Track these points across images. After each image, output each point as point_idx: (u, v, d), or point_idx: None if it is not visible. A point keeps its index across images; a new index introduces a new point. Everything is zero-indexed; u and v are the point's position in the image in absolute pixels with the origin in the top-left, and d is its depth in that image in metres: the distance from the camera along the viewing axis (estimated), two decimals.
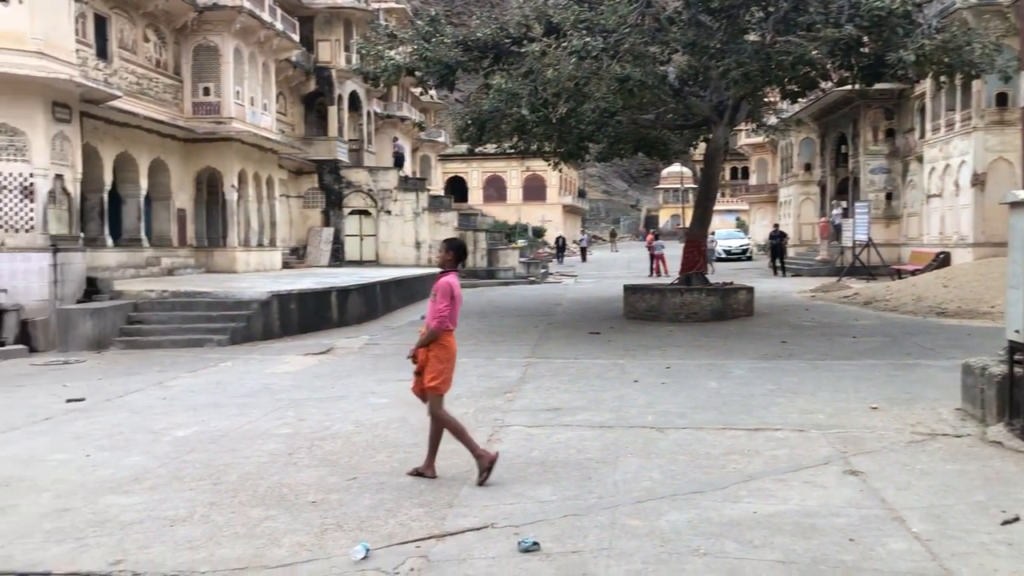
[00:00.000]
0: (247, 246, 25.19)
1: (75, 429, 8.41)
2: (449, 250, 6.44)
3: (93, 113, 18.29)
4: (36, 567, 4.70)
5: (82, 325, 15.27)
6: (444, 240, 6.63)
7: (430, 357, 6.21)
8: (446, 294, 6.17)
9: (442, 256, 6.45)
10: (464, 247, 6.64)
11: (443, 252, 6.46)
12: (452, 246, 6.48)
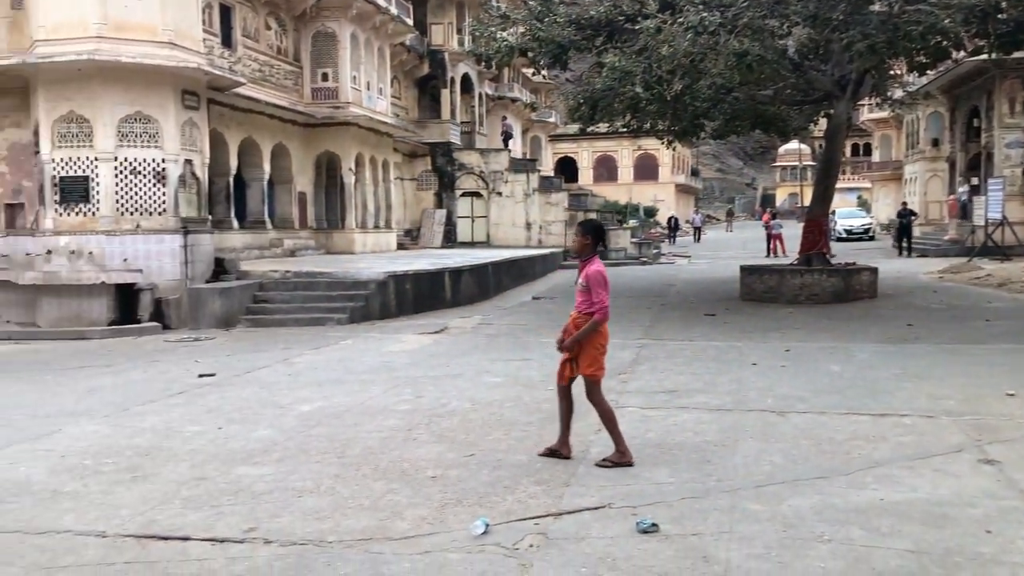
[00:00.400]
0: (364, 228, 25.83)
1: (207, 403, 8.82)
2: (586, 234, 6.01)
3: (219, 100, 19.04)
4: (176, 532, 4.97)
5: (211, 304, 15.99)
6: (579, 224, 6.19)
7: (585, 345, 6.02)
8: (602, 283, 5.86)
9: (579, 242, 6.01)
10: (602, 228, 6.25)
11: (580, 238, 6.01)
12: (588, 229, 6.05)
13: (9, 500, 5.63)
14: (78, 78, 15.79)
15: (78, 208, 16.09)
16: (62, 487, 5.90)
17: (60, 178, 16.06)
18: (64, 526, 5.11)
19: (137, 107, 16.16)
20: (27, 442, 7.24)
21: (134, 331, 15.36)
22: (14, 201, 17.40)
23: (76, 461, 6.59)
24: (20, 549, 4.74)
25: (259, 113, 21.33)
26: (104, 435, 7.45)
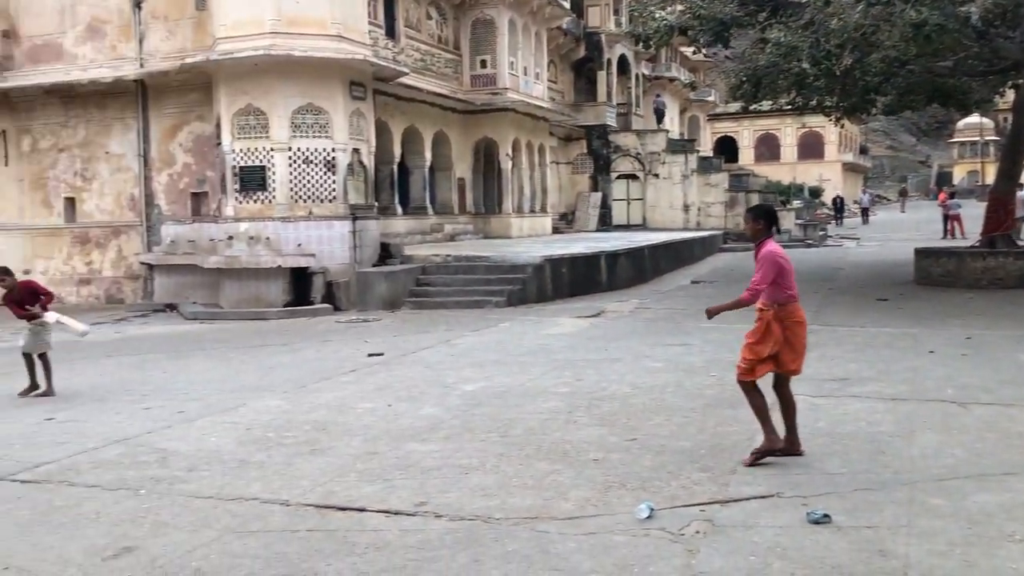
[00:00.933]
0: (520, 212, 26.13)
1: (377, 381, 9.21)
2: (758, 219, 5.79)
3: (383, 90, 19.69)
4: (353, 503, 5.23)
5: (378, 287, 16.64)
6: (749, 209, 6.00)
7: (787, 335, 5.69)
8: (769, 264, 5.57)
9: (751, 227, 5.81)
10: (773, 211, 5.99)
11: (751, 223, 5.81)
12: (759, 214, 5.84)
13: (203, 468, 6.09)
14: (255, 73, 16.73)
15: (256, 196, 17.08)
16: (249, 457, 6.32)
17: (240, 168, 17.09)
18: (252, 494, 5.48)
19: (308, 99, 16.95)
20: (217, 415, 7.79)
21: (307, 312, 16.18)
22: (199, 190, 18.68)
23: (260, 433, 7.03)
24: (215, 513, 5.12)
25: (421, 102, 21.92)
26: (284, 410, 7.92)
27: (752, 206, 6.05)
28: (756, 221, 5.80)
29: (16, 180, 20.01)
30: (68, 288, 19.56)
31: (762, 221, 5.79)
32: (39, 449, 6.74)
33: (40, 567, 4.40)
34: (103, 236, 19.32)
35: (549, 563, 4.23)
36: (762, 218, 5.80)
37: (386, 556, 4.39)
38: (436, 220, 23.26)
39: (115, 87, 18.64)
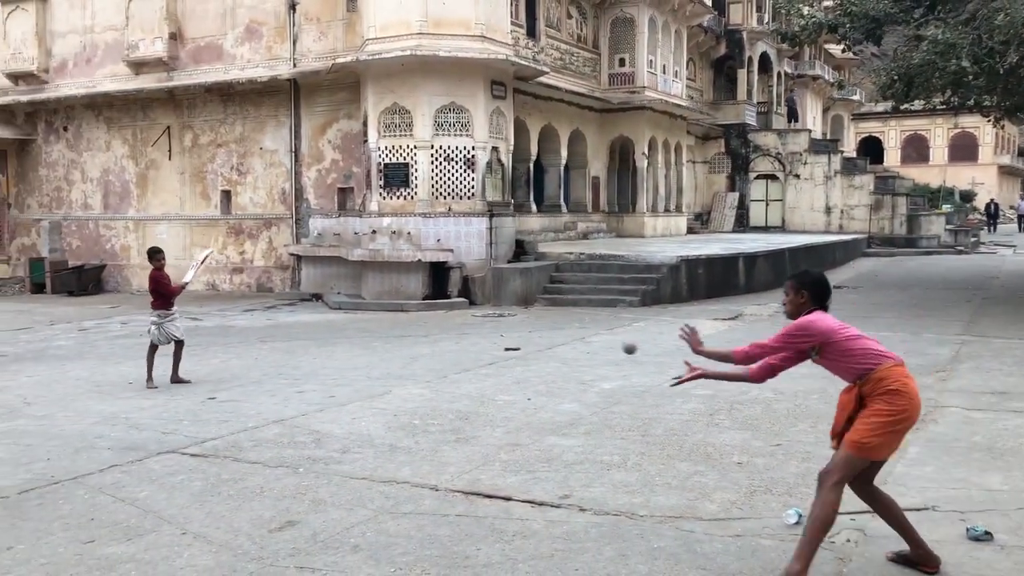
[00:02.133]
0: (655, 211, 25.92)
1: (515, 375, 9.38)
2: (800, 291, 4.22)
3: (523, 89, 19.92)
4: (499, 492, 5.38)
5: (512, 282, 16.87)
6: (790, 277, 4.32)
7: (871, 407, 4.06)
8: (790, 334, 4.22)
9: (791, 300, 4.27)
10: (824, 282, 4.28)
11: (791, 295, 4.25)
12: (804, 283, 4.24)
13: (355, 450, 6.38)
14: (401, 72, 17.25)
15: (399, 192, 17.62)
16: (397, 443, 6.58)
17: (384, 164, 17.67)
18: (402, 477, 5.71)
19: (451, 98, 17.36)
20: (365, 400, 8.14)
21: (444, 305, 16.59)
22: (345, 185, 19.41)
23: (407, 420, 7.30)
24: (369, 494, 5.37)
25: (558, 100, 22.05)
26: (428, 398, 8.19)
27: (796, 274, 4.32)
28: (798, 293, 4.22)
29: (178, 173, 21.32)
30: (222, 276, 20.72)
31: (805, 294, 4.22)
32: (204, 426, 7.22)
33: (214, 534, 4.74)
34: (255, 228, 20.35)
35: (695, 562, 4.24)
36: (806, 289, 4.22)
37: (533, 545, 4.51)
38: (570, 218, 23.37)
39: (270, 86, 19.59)
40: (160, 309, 9.37)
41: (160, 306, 9.38)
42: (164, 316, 9.36)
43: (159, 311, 9.37)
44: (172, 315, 9.44)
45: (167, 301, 9.39)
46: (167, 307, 9.40)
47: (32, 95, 22.77)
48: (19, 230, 23.99)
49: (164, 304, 9.38)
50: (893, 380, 4.03)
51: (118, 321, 15.61)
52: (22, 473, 5.95)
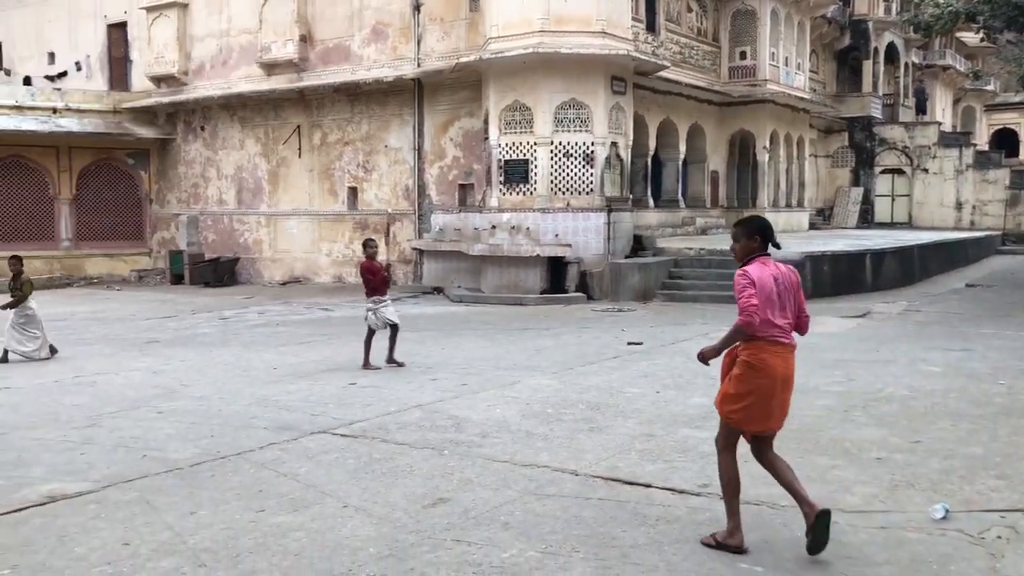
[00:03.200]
0: (775, 207, 25.45)
1: (640, 368, 9.49)
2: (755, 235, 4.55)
3: (642, 84, 19.91)
4: (638, 479, 5.53)
5: (631, 278, 16.93)
6: (741, 224, 4.66)
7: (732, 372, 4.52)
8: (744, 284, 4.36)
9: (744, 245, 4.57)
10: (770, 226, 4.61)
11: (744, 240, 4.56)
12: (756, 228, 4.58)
13: (494, 435, 6.64)
14: (522, 70, 17.53)
15: (518, 188, 17.92)
16: (533, 430, 6.81)
17: (504, 161, 18.00)
18: (542, 462, 5.93)
19: (572, 94, 17.55)
20: (496, 389, 8.41)
21: (562, 300, 16.79)
22: (465, 182, 19.85)
23: (539, 409, 7.53)
24: (512, 476, 5.61)
25: (677, 95, 21.93)
26: (556, 389, 8.40)
27: (745, 220, 4.71)
28: (751, 239, 4.54)
29: (307, 170, 22.23)
30: (348, 269, 21.49)
31: (758, 239, 4.55)
32: (350, 409, 7.63)
33: (373, 508, 5.06)
34: (380, 223, 21.00)
35: (841, 552, 4.30)
36: (758, 234, 4.55)
37: (677, 529, 4.65)
38: (688, 213, 23.20)
39: (395, 85, 20.21)
40: (374, 296, 9.86)
41: (372, 293, 9.87)
42: (378, 303, 9.86)
43: (373, 298, 9.87)
44: (385, 301, 9.91)
45: (379, 289, 9.86)
46: (380, 294, 9.87)
47: (172, 96, 24.13)
48: (160, 224, 25.47)
49: (376, 292, 9.85)
50: (754, 354, 4.38)
51: (255, 311, 16.44)
52: (191, 448, 6.45)
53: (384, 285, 10.00)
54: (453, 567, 4.19)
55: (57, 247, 24.10)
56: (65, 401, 8.24)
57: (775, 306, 4.42)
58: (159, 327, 14.27)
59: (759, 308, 4.29)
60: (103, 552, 4.46)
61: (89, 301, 19.19)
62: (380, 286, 9.93)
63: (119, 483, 5.61)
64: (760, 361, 4.37)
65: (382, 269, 10.07)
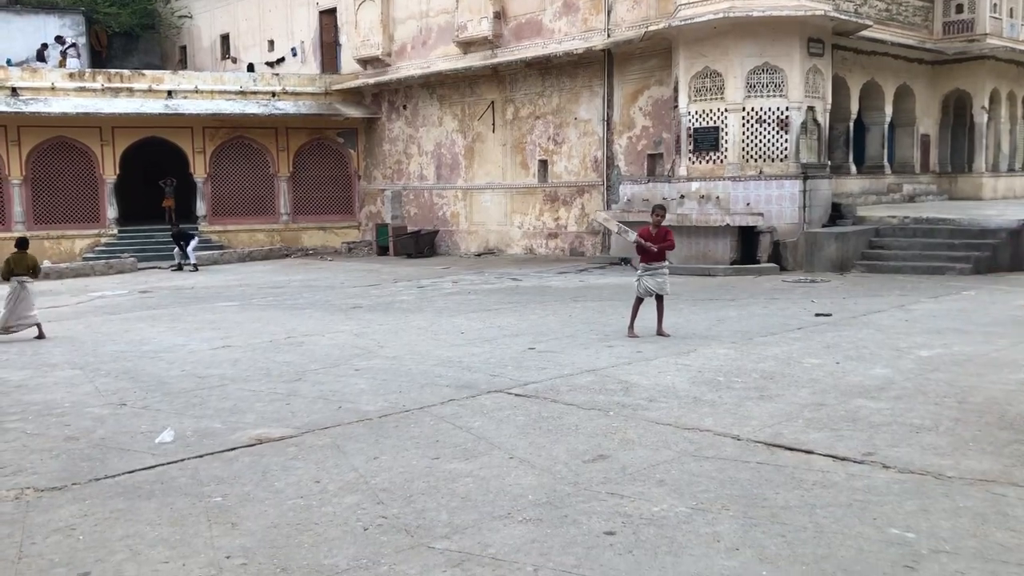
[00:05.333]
0: (995, 171, 23.54)
1: (824, 340, 9.27)
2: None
3: (842, 44, 18.97)
4: (800, 445, 5.52)
5: (827, 248, 16.31)
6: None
7: None
8: None
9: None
10: None
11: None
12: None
13: (660, 400, 6.79)
14: (712, 36, 17.20)
15: (708, 156, 17.67)
16: (701, 396, 6.90)
17: (694, 129, 17.78)
18: (704, 426, 6.03)
19: (765, 58, 17.04)
20: (670, 356, 8.52)
21: (753, 271, 16.45)
22: (654, 151, 19.77)
23: (711, 376, 7.59)
24: (672, 438, 5.77)
25: (883, 54, 20.69)
26: (732, 358, 8.39)
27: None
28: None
29: (500, 144, 22.91)
30: (538, 240, 22.04)
31: None
32: (526, 371, 8.01)
33: (536, 460, 5.39)
34: (569, 195, 21.38)
35: (1004, 523, 4.17)
36: None
37: (832, 494, 4.65)
38: (894, 179, 21.91)
39: (584, 57, 20.39)
40: (644, 263, 9.92)
41: (645, 260, 9.90)
42: (646, 270, 9.87)
43: (642, 264, 9.94)
44: (653, 269, 9.83)
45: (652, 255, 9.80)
46: (649, 261, 9.84)
47: (377, 77, 25.52)
48: (366, 199, 27.11)
49: (649, 258, 9.85)
50: None
51: (449, 280, 17.28)
52: (380, 402, 7.05)
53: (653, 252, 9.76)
54: (604, 516, 4.43)
55: (277, 221, 26.25)
56: (277, 359, 9.15)
57: None
58: (363, 294, 15.34)
59: None
60: (297, 487, 5.05)
61: (303, 270, 20.83)
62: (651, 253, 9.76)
63: (316, 430, 6.25)
64: None
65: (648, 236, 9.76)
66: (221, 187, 25.61)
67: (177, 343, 10.38)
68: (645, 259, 9.89)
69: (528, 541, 4.16)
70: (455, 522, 4.44)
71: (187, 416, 6.76)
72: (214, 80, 25.82)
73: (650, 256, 9.82)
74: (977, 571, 3.69)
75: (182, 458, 5.66)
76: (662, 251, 9.84)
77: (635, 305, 9.98)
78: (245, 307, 14.02)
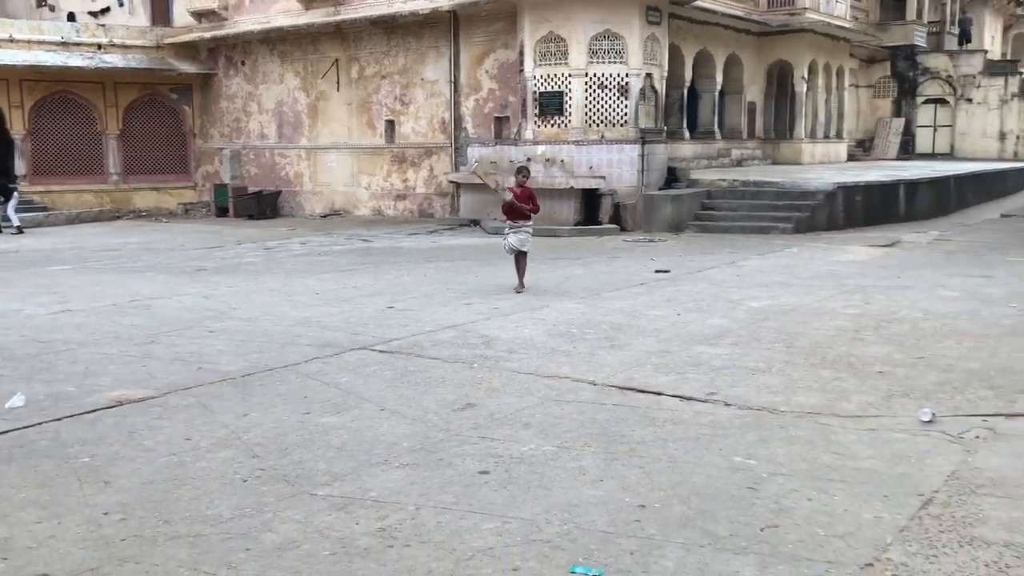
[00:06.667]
0: (813, 138, 25.34)
1: (665, 293, 9.88)
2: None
3: (678, 14, 19.82)
4: (650, 388, 5.98)
5: (663, 209, 17.18)
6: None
7: None
8: None
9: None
10: None
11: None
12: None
13: (520, 352, 7.12)
14: (557, 1, 17.60)
15: (553, 120, 18.14)
16: (557, 347, 7.28)
17: (539, 93, 18.19)
18: (563, 374, 6.40)
19: (606, 25, 17.61)
20: (526, 312, 8.87)
21: (595, 231, 17.13)
22: (501, 114, 20.07)
23: (564, 329, 7.98)
24: (535, 386, 6.10)
25: (715, 24, 21.78)
26: (582, 312, 8.83)
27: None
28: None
29: (345, 104, 22.58)
30: (387, 202, 21.98)
31: None
32: (388, 329, 8.15)
33: (407, 411, 5.58)
34: (417, 156, 21.40)
35: (830, 448, 4.73)
36: None
37: (682, 429, 5.10)
38: (723, 145, 23.21)
39: (431, 18, 20.35)
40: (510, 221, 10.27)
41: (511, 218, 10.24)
42: (512, 227, 10.23)
43: (508, 223, 10.29)
44: (517, 227, 10.18)
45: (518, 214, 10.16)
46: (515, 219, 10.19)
47: (213, 31, 24.46)
48: (203, 158, 26.08)
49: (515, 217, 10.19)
50: None
51: (297, 242, 17.03)
52: (240, 362, 7.02)
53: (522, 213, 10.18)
54: (477, 458, 4.70)
55: (106, 181, 24.84)
56: (124, 322, 8.86)
57: None
58: (207, 256, 14.91)
59: None
60: (168, 445, 5.03)
61: (139, 233, 19.93)
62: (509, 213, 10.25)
63: (178, 391, 6.18)
64: None
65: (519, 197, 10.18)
66: (43, 145, 23.93)
67: (11, 308, 9.83)
68: (511, 217, 10.27)
69: (407, 483, 4.37)
70: (334, 470, 4.58)
71: (36, 381, 6.51)
72: (31, 29, 23.98)
73: (516, 215, 10.18)
74: (808, 488, 4.20)
75: (39, 422, 5.49)
76: (526, 212, 10.23)
77: (515, 263, 10.39)
78: (80, 270, 13.36)
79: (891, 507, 3.96)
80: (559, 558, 3.53)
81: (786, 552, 3.54)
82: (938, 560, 3.45)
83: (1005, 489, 4.14)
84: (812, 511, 3.93)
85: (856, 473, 4.37)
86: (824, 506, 3.98)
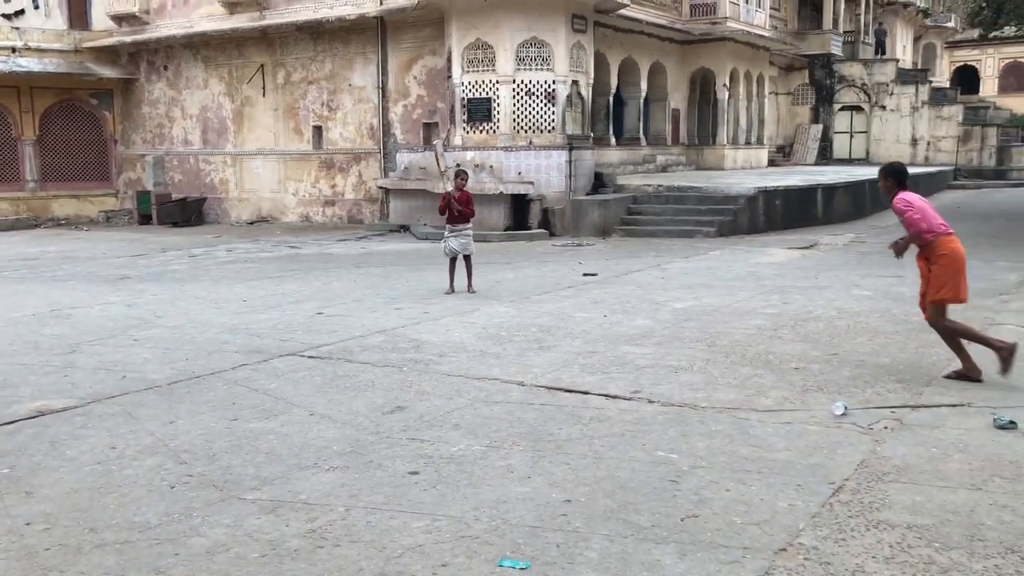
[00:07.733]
0: (735, 144, 25.99)
1: (592, 296, 10.07)
2: (887, 177, 6.39)
3: (603, 22, 20.17)
4: (577, 387, 6.12)
5: (591, 214, 17.44)
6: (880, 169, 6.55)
7: (932, 269, 6.13)
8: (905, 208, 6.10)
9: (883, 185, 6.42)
10: (902, 170, 6.40)
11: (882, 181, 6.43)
12: (889, 172, 6.40)
13: (450, 355, 7.19)
14: (483, 8, 17.74)
15: (481, 126, 18.27)
16: (487, 349, 7.37)
17: (468, 99, 18.30)
18: (492, 375, 6.50)
19: (533, 32, 17.83)
20: (456, 316, 8.95)
21: (525, 236, 17.28)
22: (430, 120, 20.13)
23: (494, 332, 8.09)
24: (464, 388, 6.18)
25: (639, 33, 22.20)
26: (511, 315, 8.95)
27: (882, 166, 6.59)
28: (886, 179, 6.43)
29: (272, 109, 22.35)
30: (315, 208, 21.81)
31: (891, 179, 6.36)
32: (317, 335, 8.14)
33: (337, 415, 5.61)
34: (345, 162, 21.30)
35: (747, 441, 4.92)
36: (891, 176, 6.36)
37: (607, 426, 5.25)
38: (649, 151, 23.67)
39: (358, 24, 20.30)
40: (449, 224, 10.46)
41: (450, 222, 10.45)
42: (451, 231, 10.44)
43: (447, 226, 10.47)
44: (457, 230, 10.45)
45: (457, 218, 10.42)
46: (454, 223, 10.43)
47: (134, 35, 23.98)
48: (125, 165, 25.50)
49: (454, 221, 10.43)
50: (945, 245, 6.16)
51: (223, 249, 16.79)
52: (167, 369, 6.94)
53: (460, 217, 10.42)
54: (407, 459, 4.76)
55: (23, 188, 24.10)
56: (44, 332, 8.66)
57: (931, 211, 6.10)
58: (130, 265, 14.61)
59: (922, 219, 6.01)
60: (92, 454, 4.97)
61: (58, 241, 19.40)
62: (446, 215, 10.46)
63: (102, 399, 6.09)
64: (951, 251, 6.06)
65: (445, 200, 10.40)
66: None
67: None
68: (450, 221, 10.42)
69: (337, 486, 4.41)
70: (263, 475, 4.60)
71: None
72: None
73: (455, 218, 10.32)
74: (727, 479, 4.38)
75: None
76: (466, 214, 10.41)
77: (449, 266, 10.54)
78: None
79: (804, 495, 4.16)
80: (487, 553, 3.62)
81: (705, 540, 3.70)
82: (847, 543, 3.64)
83: (910, 475, 4.38)
84: (730, 501, 4.10)
85: (772, 464, 4.57)
86: (742, 496, 4.16)
